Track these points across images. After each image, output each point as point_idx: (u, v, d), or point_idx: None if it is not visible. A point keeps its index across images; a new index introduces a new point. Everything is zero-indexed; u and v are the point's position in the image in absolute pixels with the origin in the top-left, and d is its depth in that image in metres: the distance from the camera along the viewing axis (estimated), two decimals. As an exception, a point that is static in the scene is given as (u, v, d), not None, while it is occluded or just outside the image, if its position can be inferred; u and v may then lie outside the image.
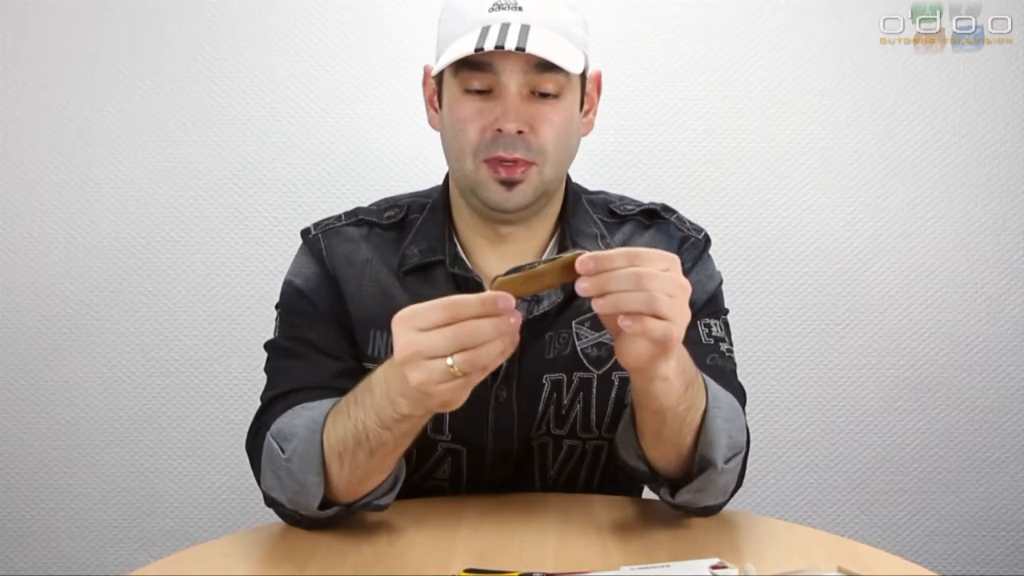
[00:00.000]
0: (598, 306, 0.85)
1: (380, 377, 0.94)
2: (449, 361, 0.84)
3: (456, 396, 0.87)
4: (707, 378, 1.02)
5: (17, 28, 1.76)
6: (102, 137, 1.78)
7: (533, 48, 1.01)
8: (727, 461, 1.01)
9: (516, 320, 0.85)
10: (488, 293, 0.85)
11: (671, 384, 0.93)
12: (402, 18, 1.76)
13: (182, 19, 1.76)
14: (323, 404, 1.03)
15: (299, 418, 1.03)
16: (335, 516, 1.03)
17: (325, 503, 1.01)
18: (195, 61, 1.76)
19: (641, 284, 0.84)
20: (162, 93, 1.77)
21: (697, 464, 1.01)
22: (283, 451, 1.01)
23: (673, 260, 0.87)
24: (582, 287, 0.85)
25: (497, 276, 0.86)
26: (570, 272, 0.86)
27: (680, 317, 0.86)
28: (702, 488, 1.02)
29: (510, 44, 1.00)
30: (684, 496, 1.03)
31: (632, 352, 0.89)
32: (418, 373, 0.85)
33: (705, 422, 0.99)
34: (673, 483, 1.04)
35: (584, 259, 0.85)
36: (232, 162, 1.79)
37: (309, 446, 0.99)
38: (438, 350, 0.84)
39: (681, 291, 0.87)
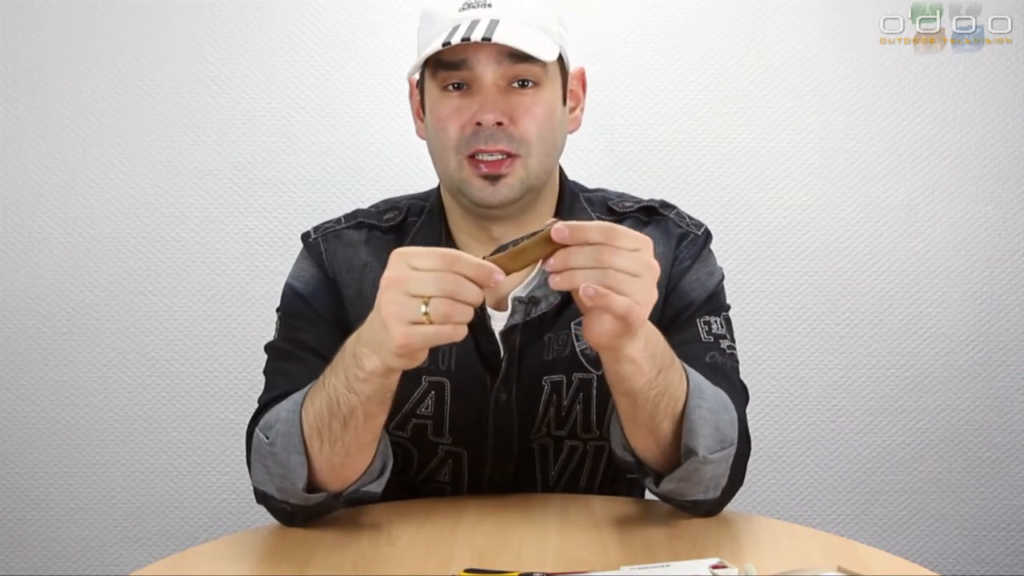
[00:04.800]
0: (554, 282, 0.87)
1: (353, 336, 0.96)
2: (423, 309, 0.85)
3: (413, 342, 0.87)
4: (690, 370, 1.02)
5: (17, 28, 1.76)
6: (102, 137, 1.78)
7: (500, 38, 1.02)
8: (712, 452, 1.00)
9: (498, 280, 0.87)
10: (486, 262, 0.87)
11: (640, 367, 0.94)
12: (401, 18, 1.76)
13: (182, 19, 1.76)
14: (305, 389, 1.02)
15: (282, 407, 1.04)
16: (324, 504, 1.02)
17: (312, 488, 1.01)
18: (195, 61, 1.76)
19: (600, 260, 0.85)
20: (162, 93, 1.77)
21: (683, 455, 1.00)
22: (267, 438, 1.02)
23: (645, 241, 0.88)
24: (550, 263, 0.87)
25: (484, 256, 0.88)
26: (551, 244, 0.87)
27: (644, 297, 0.87)
28: (685, 478, 1.01)
29: (476, 35, 1.01)
30: (668, 485, 1.02)
31: (597, 329, 0.90)
32: (392, 305, 0.87)
33: (686, 412, 0.99)
34: (660, 475, 1.03)
35: (559, 227, 0.86)
36: (232, 162, 1.79)
37: (290, 427, 1.00)
38: (421, 289, 0.86)
39: (648, 271, 0.88)
